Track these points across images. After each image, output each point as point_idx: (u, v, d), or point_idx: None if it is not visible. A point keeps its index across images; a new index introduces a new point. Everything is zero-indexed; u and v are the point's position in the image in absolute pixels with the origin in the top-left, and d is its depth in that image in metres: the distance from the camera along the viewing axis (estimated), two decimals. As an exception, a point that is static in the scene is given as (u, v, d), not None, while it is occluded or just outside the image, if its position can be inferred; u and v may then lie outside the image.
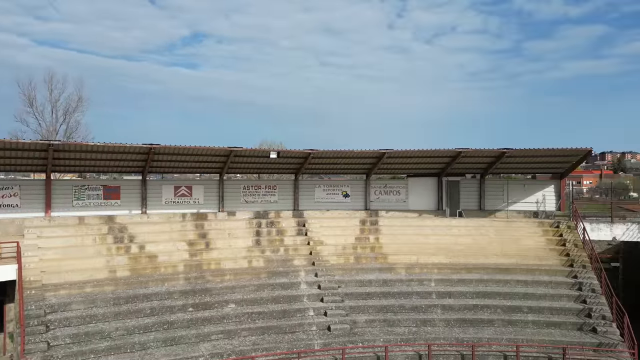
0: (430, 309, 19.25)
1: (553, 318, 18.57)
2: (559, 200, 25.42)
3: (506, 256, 21.83)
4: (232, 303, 18.52)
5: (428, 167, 25.45)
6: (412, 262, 21.65)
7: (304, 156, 23.10)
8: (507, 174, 29.47)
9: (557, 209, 25.28)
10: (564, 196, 25.58)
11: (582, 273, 20.28)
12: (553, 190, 25.63)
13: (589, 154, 24.08)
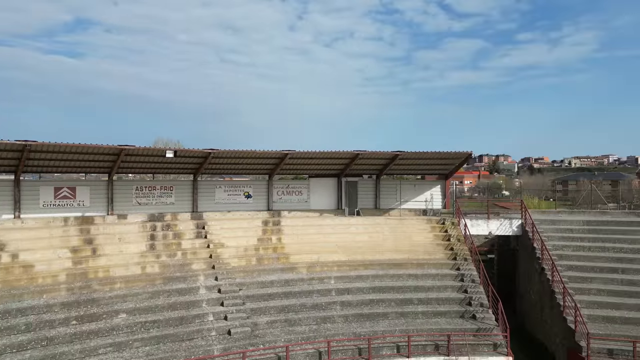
0: (330, 306, 19.78)
1: (440, 308, 20.17)
2: (445, 199, 27.73)
3: (399, 252, 23.24)
4: (123, 313, 17.25)
5: (329, 168, 26.16)
6: (314, 261, 22.07)
7: (204, 156, 22.34)
8: (400, 175, 31.45)
9: (443, 207, 27.55)
10: (449, 195, 28.00)
11: (464, 265, 22.32)
12: (439, 189, 27.89)
13: (470, 157, 26.61)
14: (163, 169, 25.00)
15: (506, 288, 26.02)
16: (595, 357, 17.03)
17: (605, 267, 21.63)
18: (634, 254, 22.13)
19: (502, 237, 26.71)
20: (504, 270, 27.59)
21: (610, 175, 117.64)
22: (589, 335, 17.30)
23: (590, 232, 24.09)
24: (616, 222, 24.71)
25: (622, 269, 21.33)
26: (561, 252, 22.70)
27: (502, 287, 25.89)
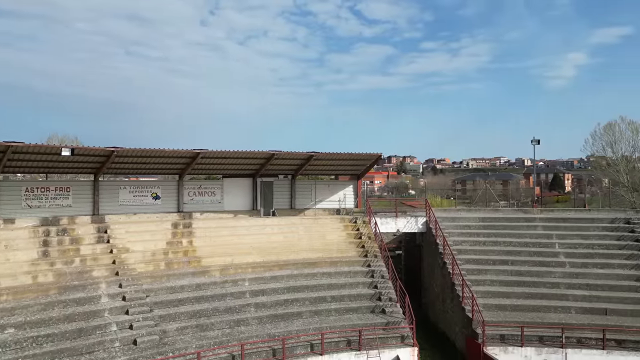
0: (244, 309, 19.47)
1: (352, 304, 20.79)
2: (357, 198, 28.65)
3: (314, 251, 23.57)
4: (11, 327, 15.46)
5: (243, 168, 25.72)
6: (227, 263, 21.57)
7: (106, 154, 20.77)
8: (315, 175, 31.92)
9: (355, 206, 28.45)
10: (361, 195, 28.97)
11: (374, 262, 23.25)
12: (352, 189, 28.75)
13: (380, 158, 27.79)
14: (59, 168, 22.85)
15: (413, 282, 27.58)
16: (490, 342, 18.69)
17: (498, 259, 23.81)
18: (521, 247, 24.62)
19: (409, 234, 28.26)
20: (410, 266, 29.21)
21: (501, 175, 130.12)
22: (484, 322, 18.92)
23: (485, 227, 26.37)
24: (506, 218, 27.32)
25: (511, 261, 23.64)
26: (460, 247, 24.57)
27: (409, 281, 27.40)
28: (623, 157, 45.51)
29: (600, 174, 53.31)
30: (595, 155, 51.25)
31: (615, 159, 45.87)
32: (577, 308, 20.39)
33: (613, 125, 45.88)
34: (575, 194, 76.68)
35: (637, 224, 24.75)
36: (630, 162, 45.35)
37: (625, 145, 45.30)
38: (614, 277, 21.98)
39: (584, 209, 29.94)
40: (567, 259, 23.32)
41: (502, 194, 68.63)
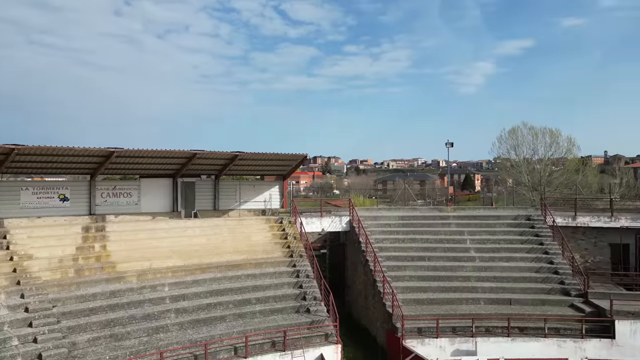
0: (163, 315, 18.61)
1: (277, 305, 20.72)
2: (283, 198, 28.62)
3: (238, 253, 23.15)
4: None
5: (163, 167, 24.58)
6: (145, 268, 20.49)
7: (5, 152, 18.78)
8: (240, 175, 31.37)
9: (281, 207, 28.39)
10: (286, 195, 28.98)
11: (300, 262, 23.37)
12: (278, 189, 28.66)
13: (306, 159, 27.99)
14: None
15: (337, 280, 28.13)
16: (408, 335, 19.58)
17: (416, 256, 25.04)
18: (437, 243, 26.09)
19: (333, 233, 28.78)
20: (335, 264, 29.79)
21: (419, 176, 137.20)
22: (403, 317, 19.79)
23: (404, 225, 27.60)
24: (423, 216, 28.81)
25: (428, 257, 24.97)
26: (381, 245, 25.50)
27: (334, 279, 27.91)
28: (525, 159, 50.04)
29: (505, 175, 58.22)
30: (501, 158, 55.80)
31: (518, 161, 50.32)
32: (485, 299, 22.03)
33: (516, 130, 50.29)
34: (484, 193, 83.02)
35: (536, 220, 27.27)
36: (531, 164, 49.98)
37: (526, 149, 49.87)
38: (517, 269, 24.05)
39: (491, 207, 32.45)
40: (477, 253, 25.12)
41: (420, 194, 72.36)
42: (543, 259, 24.42)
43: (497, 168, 74.24)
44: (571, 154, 50.22)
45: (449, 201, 38.07)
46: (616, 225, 26.12)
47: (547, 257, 24.42)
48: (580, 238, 27.01)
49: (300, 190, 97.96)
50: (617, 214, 26.56)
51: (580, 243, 26.94)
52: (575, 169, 50.27)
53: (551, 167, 50.17)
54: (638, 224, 25.90)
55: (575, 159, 52.15)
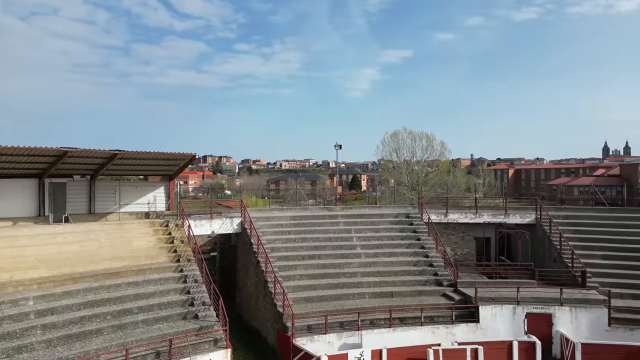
0: (27, 332, 16.47)
1: (162, 313, 19.59)
2: (169, 200, 27.21)
3: (118, 259, 21.42)
4: None
5: (27, 167, 21.78)
6: (4, 281, 17.93)
7: None
8: (120, 176, 29.08)
9: (167, 209, 26.97)
10: (173, 196, 27.60)
11: (188, 266, 22.39)
12: (163, 191, 27.16)
13: (194, 158, 26.94)
14: None
15: (228, 283, 27.53)
16: (298, 333, 19.90)
17: (306, 254, 25.55)
18: (326, 242, 26.93)
19: (224, 235, 28.07)
20: (225, 267, 29.08)
21: (310, 176, 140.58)
22: (293, 316, 20.06)
23: (296, 225, 28.01)
24: (314, 216, 29.54)
25: (318, 255, 25.65)
26: (273, 245, 25.57)
27: (224, 282, 27.25)
28: (405, 161, 54.14)
29: (388, 175, 62.30)
30: (384, 159, 59.65)
31: (399, 163, 54.28)
32: (370, 293, 23.31)
33: (397, 134, 54.15)
34: (370, 192, 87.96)
35: (414, 218, 29.59)
36: (410, 165, 54.21)
37: (406, 151, 54.02)
38: (398, 263, 25.85)
39: (375, 206, 34.39)
40: (363, 250, 26.48)
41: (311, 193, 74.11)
42: (420, 253, 26.58)
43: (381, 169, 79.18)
44: (444, 157, 55.63)
45: (337, 201, 39.57)
46: (480, 221, 29.46)
47: (424, 252, 26.64)
48: (451, 233, 29.93)
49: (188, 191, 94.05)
50: (481, 211, 29.96)
51: (451, 237, 29.87)
52: (447, 170, 55.77)
53: (427, 168, 55.01)
54: (497, 219, 29.50)
55: (447, 161, 57.86)
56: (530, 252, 27.68)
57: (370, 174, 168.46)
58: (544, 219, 28.33)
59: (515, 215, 29.45)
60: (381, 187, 75.91)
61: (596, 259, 25.60)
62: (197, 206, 38.57)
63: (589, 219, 29.24)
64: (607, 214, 29.96)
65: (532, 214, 29.26)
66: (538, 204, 29.67)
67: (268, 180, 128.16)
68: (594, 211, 31.26)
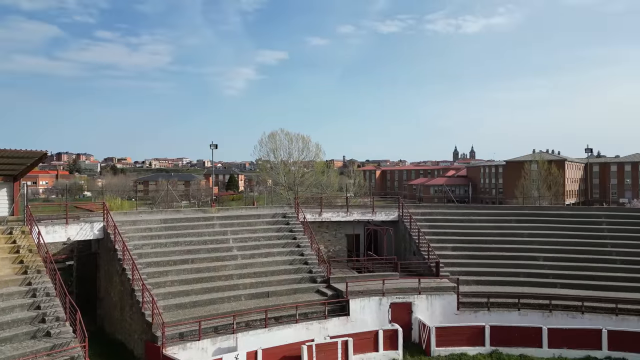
0: None
1: (4, 334, 16.92)
2: (13, 204, 23.68)
3: (-57, 275, 17.95)
4: None
5: None
6: None
7: None
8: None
9: (11, 214, 23.46)
10: (18, 199, 24.08)
11: (37, 278, 19.71)
12: (6, 193, 23.58)
13: (45, 156, 23.84)
14: None
15: (88, 294, 24.94)
16: (169, 342, 18.86)
17: (179, 259, 24.36)
18: (200, 245, 26.00)
19: (83, 241, 25.36)
20: (85, 277, 26.29)
21: (184, 176, 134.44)
22: (163, 324, 18.95)
23: (167, 229, 26.53)
24: (187, 218, 28.30)
25: (191, 259, 24.63)
26: (141, 251, 23.85)
27: (83, 294, 24.65)
28: (282, 161, 54.96)
29: (265, 176, 62.63)
30: (262, 160, 59.83)
31: (277, 163, 54.93)
32: (246, 295, 23.12)
33: (275, 134, 54.75)
34: (247, 192, 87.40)
35: (291, 217, 30.16)
36: (287, 166, 55.20)
37: (283, 152, 54.87)
38: (275, 263, 26.09)
39: (253, 207, 34.28)
40: (239, 252, 26.16)
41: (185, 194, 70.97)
42: (296, 252, 27.19)
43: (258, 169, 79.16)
44: (319, 158, 57.80)
45: (213, 202, 38.51)
46: (350, 219, 31.23)
47: (299, 250, 27.32)
48: (324, 231, 31.21)
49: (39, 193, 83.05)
50: (351, 210, 31.78)
51: (325, 235, 31.16)
52: (321, 171, 58.02)
53: (303, 169, 56.58)
54: (366, 217, 31.58)
55: (321, 162, 60.22)
56: (394, 246, 30.20)
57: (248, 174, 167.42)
58: (405, 216, 31.12)
59: (381, 213, 31.84)
60: (259, 188, 75.90)
61: (448, 251, 28.95)
62: (49, 210, 34.21)
63: (442, 215, 32.94)
64: (456, 210, 34.07)
65: (396, 211, 31.93)
66: (400, 202, 32.49)
67: (136, 180, 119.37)
68: (446, 208, 35.36)
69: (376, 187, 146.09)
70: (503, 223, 31.71)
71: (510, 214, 32.99)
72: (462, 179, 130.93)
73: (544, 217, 32.17)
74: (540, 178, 71.15)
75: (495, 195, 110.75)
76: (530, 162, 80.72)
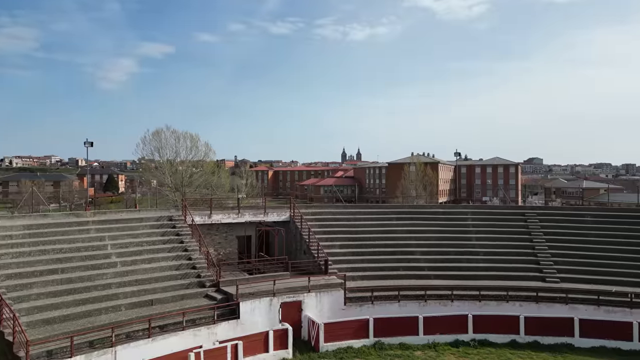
0: None
1: None
2: None
3: None
4: None
5: None
6: None
7: None
8: None
9: None
10: None
11: None
12: None
13: None
14: None
15: None
16: (35, 363, 16.77)
17: (46, 269, 21.80)
18: (73, 253, 23.56)
19: None
20: None
21: (52, 176, 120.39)
22: (27, 343, 16.77)
23: (32, 236, 23.61)
24: (57, 223, 25.42)
25: (62, 269, 22.20)
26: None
27: None
28: (168, 161, 52.19)
29: (149, 176, 58.93)
30: (146, 159, 56.24)
31: (162, 163, 51.99)
32: (127, 304, 21.49)
33: (160, 132, 51.82)
34: (128, 194, 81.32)
35: (177, 220, 28.78)
36: (174, 166, 52.59)
37: (169, 151, 52.13)
38: (159, 269, 24.67)
39: (135, 209, 32.04)
40: (119, 258, 24.24)
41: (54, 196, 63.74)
42: (183, 257, 26.04)
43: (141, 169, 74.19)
44: (208, 158, 56.05)
45: (88, 205, 35.14)
46: (242, 220, 30.82)
47: (187, 254, 26.20)
48: (214, 233, 30.37)
49: None
50: (243, 211, 31.37)
51: (215, 238, 30.32)
52: (212, 171, 56.38)
53: (192, 169, 54.41)
54: (258, 218, 31.42)
55: (211, 162, 58.51)
56: (286, 246, 30.53)
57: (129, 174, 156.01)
58: (296, 216, 31.64)
59: (273, 214, 31.98)
60: (142, 189, 71.15)
61: (336, 249, 30.10)
62: None
63: (331, 215, 34.16)
64: (344, 210, 35.60)
65: (287, 211, 32.30)
66: (292, 202, 32.97)
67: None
68: (335, 208, 36.75)
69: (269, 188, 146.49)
70: (385, 221, 33.91)
71: (392, 212, 35.41)
72: (349, 180, 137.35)
73: (420, 215, 35.11)
74: (418, 179, 77.51)
75: (379, 194, 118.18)
76: (409, 164, 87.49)
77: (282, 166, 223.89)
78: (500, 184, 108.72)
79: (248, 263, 29.31)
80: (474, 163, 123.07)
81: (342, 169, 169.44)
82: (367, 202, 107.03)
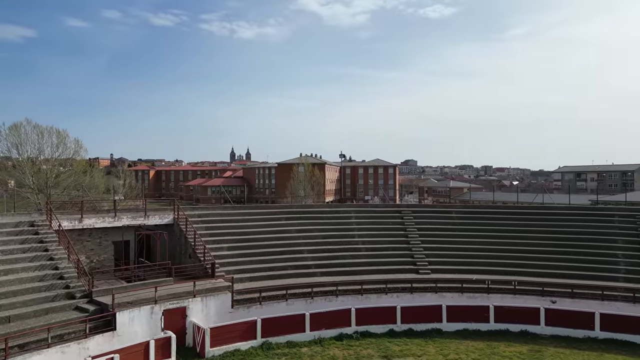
0: None
1: None
2: None
3: None
4: None
5: None
6: None
7: None
8: None
9: None
10: None
11: None
12: None
13: None
14: None
15: None
16: None
17: None
18: None
19: None
20: None
21: None
22: None
23: None
24: None
25: None
26: None
27: None
28: (29, 159, 46.14)
29: (6, 176, 51.49)
30: (1, 156, 49.12)
31: (21, 161, 45.79)
32: (-24, 324, 18.56)
33: (19, 126, 45.62)
34: (-21, 196, 70.12)
35: (41, 226, 25.61)
36: (36, 165, 46.67)
37: (31, 148, 46.12)
38: (18, 281, 21.73)
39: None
40: (-35, 272, 20.80)
41: None
42: (48, 266, 23.26)
43: (-4, 168, 64.42)
44: (79, 156, 50.81)
45: None
46: (119, 224, 28.47)
47: (53, 264, 23.46)
48: (86, 239, 27.63)
49: None
50: (120, 214, 29.00)
51: (87, 244, 27.60)
52: (83, 171, 51.25)
53: (59, 168, 48.84)
54: (137, 221, 29.29)
55: (82, 161, 53.17)
56: (169, 250, 28.96)
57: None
58: (181, 219, 30.21)
59: (155, 217, 30.11)
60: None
61: (224, 251, 29.42)
62: None
63: (219, 216, 33.30)
64: (232, 211, 34.94)
65: (171, 214, 30.67)
66: (176, 204, 31.38)
67: None
68: (223, 209, 35.88)
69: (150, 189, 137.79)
70: (274, 221, 34.08)
71: (281, 213, 35.71)
72: (238, 180, 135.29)
73: (308, 215, 35.97)
74: (306, 179, 79.34)
75: (268, 195, 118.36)
76: (298, 165, 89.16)
77: (165, 165, 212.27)
78: (381, 184, 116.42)
79: (126, 270, 27.16)
80: (357, 164, 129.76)
81: (231, 169, 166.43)
82: (256, 203, 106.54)
